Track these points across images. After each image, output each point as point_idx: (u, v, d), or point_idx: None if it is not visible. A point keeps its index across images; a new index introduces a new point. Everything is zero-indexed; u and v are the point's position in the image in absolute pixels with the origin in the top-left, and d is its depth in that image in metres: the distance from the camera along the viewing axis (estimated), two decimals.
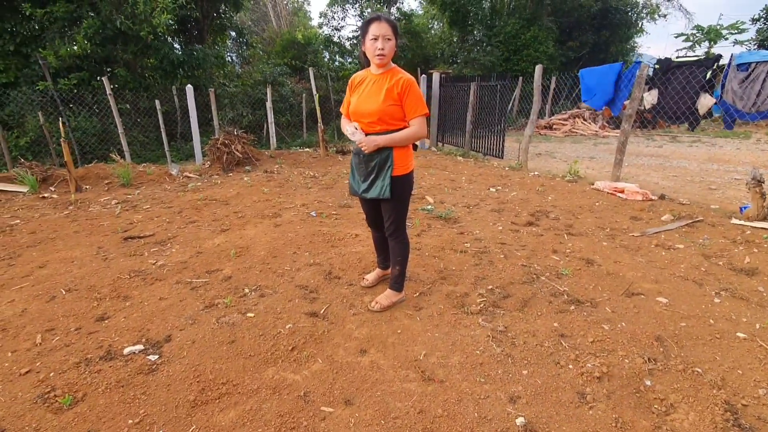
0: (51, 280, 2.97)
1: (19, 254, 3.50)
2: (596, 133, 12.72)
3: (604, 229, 3.99)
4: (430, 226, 4.02)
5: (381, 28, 2.05)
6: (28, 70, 9.17)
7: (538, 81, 6.64)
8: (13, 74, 9.20)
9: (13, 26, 8.98)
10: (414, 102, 2.14)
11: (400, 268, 2.48)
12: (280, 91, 12.51)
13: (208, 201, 5.02)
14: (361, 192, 2.35)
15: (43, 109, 8.97)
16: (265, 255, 3.35)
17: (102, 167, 6.38)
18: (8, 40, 9.06)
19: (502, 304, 2.55)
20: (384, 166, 2.22)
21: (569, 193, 5.26)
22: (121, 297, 2.71)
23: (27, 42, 9.11)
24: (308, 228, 3.99)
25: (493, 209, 4.60)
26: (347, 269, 3.07)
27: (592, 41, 17.76)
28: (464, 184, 5.93)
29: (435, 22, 19.51)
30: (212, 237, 3.80)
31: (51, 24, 9.13)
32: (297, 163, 7.54)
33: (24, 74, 9.17)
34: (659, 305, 2.56)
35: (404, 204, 2.35)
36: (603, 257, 3.28)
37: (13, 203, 5.13)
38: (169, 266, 3.14)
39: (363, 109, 2.19)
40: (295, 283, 2.86)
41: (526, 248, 3.47)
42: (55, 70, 8.95)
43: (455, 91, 9.45)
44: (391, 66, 2.20)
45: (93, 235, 3.89)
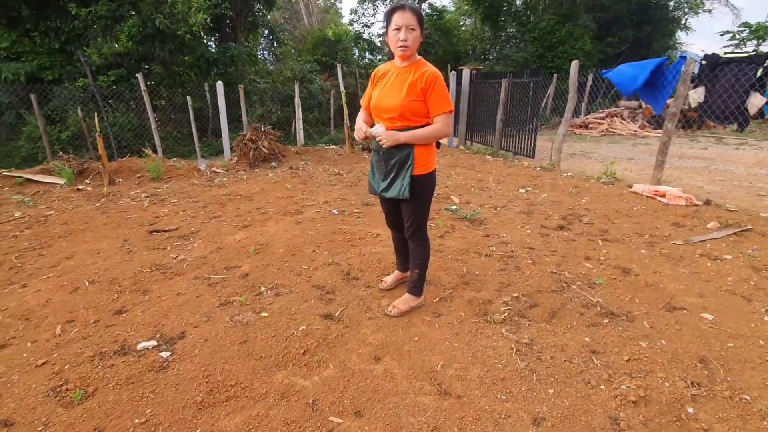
0: (76, 271, 3.02)
1: (50, 244, 3.60)
2: (635, 133, 12.09)
3: (642, 235, 3.72)
4: (454, 227, 3.87)
5: (404, 17, 1.93)
6: (71, 67, 9.58)
7: (574, 77, 6.32)
8: (58, 71, 9.62)
9: (59, 25, 9.39)
10: (439, 97, 2.01)
11: (420, 272, 2.36)
12: (308, 88, 12.58)
13: (232, 196, 5.05)
14: (380, 191, 2.24)
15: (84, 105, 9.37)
16: (284, 252, 3.30)
17: (134, 161, 6.57)
18: (54, 38, 9.49)
19: (528, 313, 2.38)
20: (404, 165, 2.10)
21: (605, 196, 4.96)
22: (141, 290, 2.73)
23: (71, 40, 9.51)
24: (329, 226, 3.92)
25: (522, 211, 4.39)
26: (366, 270, 2.97)
27: (632, 37, 16.91)
28: (492, 184, 5.72)
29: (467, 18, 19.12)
30: (233, 233, 3.79)
31: (94, 23, 9.51)
32: (322, 159, 7.52)
33: (67, 71, 9.59)
34: (704, 322, 2.32)
35: (425, 205, 2.23)
36: (641, 266, 3.04)
37: (50, 194, 5.33)
38: (189, 261, 3.14)
39: (384, 103, 2.08)
40: (312, 282, 2.79)
41: (557, 254, 3.26)
42: (96, 67, 9.32)
43: (486, 88, 9.18)
44: (416, 59, 2.07)
45: (120, 228, 3.97)
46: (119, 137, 9.65)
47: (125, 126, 9.75)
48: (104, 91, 9.37)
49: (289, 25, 20.67)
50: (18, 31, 9.18)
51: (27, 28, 9.35)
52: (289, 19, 21.52)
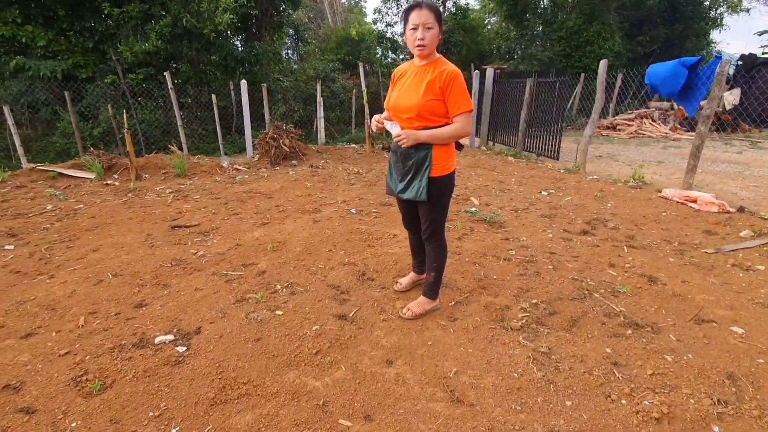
0: (101, 264, 3.12)
1: (77, 237, 3.73)
2: (666, 135, 11.66)
3: (671, 242, 3.57)
4: (473, 229, 3.81)
5: (421, 15, 1.89)
6: (104, 65, 9.92)
7: (602, 77, 6.13)
8: (91, 69, 9.97)
9: (93, 25, 9.74)
10: (458, 97, 1.96)
11: (436, 275, 2.32)
12: (331, 87, 12.66)
13: (252, 194, 5.11)
14: (397, 192, 2.22)
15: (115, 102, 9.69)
16: (301, 251, 3.32)
17: (161, 158, 6.74)
18: (88, 37, 9.84)
19: (547, 321, 2.31)
20: (422, 166, 2.06)
21: (632, 200, 4.79)
22: (161, 285, 2.78)
23: (104, 39, 9.84)
24: (346, 225, 3.92)
25: (544, 214, 4.29)
26: (382, 271, 2.95)
27: (664, 36, 16.31)
28: (514, 186, 5.61)
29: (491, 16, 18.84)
30: (252, 230, 3.84)
31: (125, 22, 9.82)
32: (342, 158, 7.55)
33: (100, 69, 9.93)
34: (734, 336, 2.20)
35: (443, 207, 2.19)
36: (669, 275, 2.91)
37: (80, 188, 5.53)
38: (208, 257, 3.19)
39: (401, 103, 2.05)
40: (327, 282, 2.79)
41: (579, 260, 3.16)
42: (127, 66, 9.63)
43: (509, 87, 9.02)
44: (435, 57, 2.03)
45: (144, 222, 4.08)
46: (147, 134, 9.94)
47: (153, 123, 10.03)
48: (134, 88, 9.66)
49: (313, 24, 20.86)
50: (54, 31, 9.56)
51: (63, 28, 9.73)
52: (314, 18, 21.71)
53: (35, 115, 10.03)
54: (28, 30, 9.14)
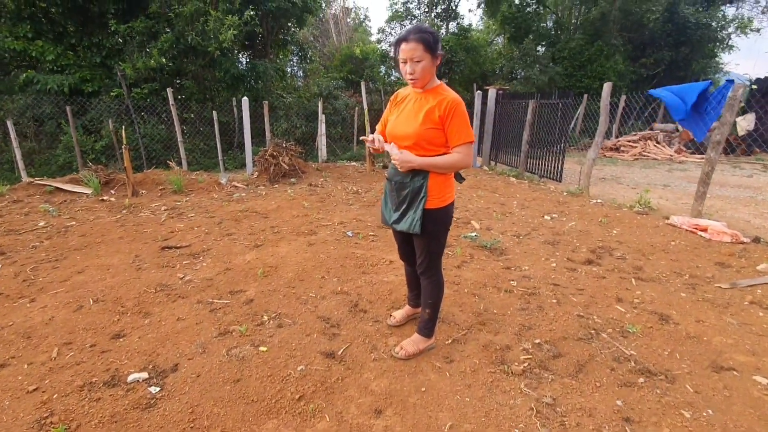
0: (84, 288, 2.98)
1: (65, 257, 3.61)
2: (671, 157, 11.53)
3: (682, 275, 3.39)
4: (473, 256, 3.66)
5: (408, 50, 1.78)
6: (110, 80, 9.99)
7: (606, 99, 6.04)
8: (98, 84, 10.04)
9: (101, 40, 9.84)
10: (459, 127, 1.85)
11: (431, 312, 2.17)
12: (333, 104, 12.69)
13: (248, 213, 5.00)
14: (391, 222, 2.08)
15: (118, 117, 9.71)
16: (293, 277, 3.17)
17: (158, 173, 6.67)
18: (96, 52, 9.95)
19: (551, 365, 2.14)
20: (417, 197, 1.94)
21: (638, 227, 4.63)
22: (142, 313, 2.64)
23: (111, 55, 9.94)
24: (342, 249, 3.78)
25: (547, 241, 4.13)
26: (375, 302, 2.80)
27: (669, 58, 16.33)
28: (515, 209, 5.47)
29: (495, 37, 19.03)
30: (244, 252, 3.70)
31: (132, 39, 9.92)
32: (342, 177, 7.45)
33: (105, 84, 10.00)
34: (757, 388, 2.02)
35: (439, 240, 2.05)
36: (681, 313, 2.74)
37: (75, 204, 5.44)
38: (194, 282, 3.05)
39: (398, 131, 1.94)
40: (318, 313, 2.63)
41: (584, 293, 3.00)
42: (132, 81, 9.68)
43: (512, 108, 8.97)
44: (434, 84, 1.93)
45: (134, 242, 3.96)
46: (149, 148, 9.93)
47: (155, 137, 10.04)
48: (138, 103, 9.70)
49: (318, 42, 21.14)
50: (63, 46, 9.66)
51: (72, 43, 9.84)
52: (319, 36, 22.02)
53: (40, 129, 10.05)
54: (38, 45, 9.24)
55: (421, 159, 1.88)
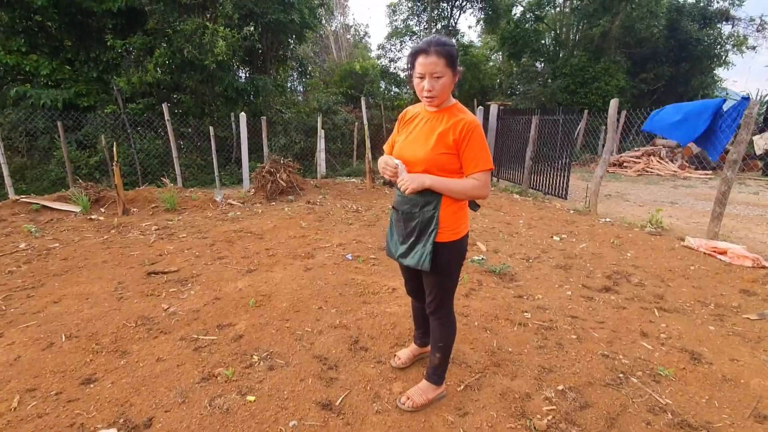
0: (58, 321, 2.72)
1: (42, 283, 3.35)
2: (675, 173, 11.39)
3: (706, 304, 3.15)
4: (481, 283, 3.41)
5: (428, 63, 1.56)
6: (106, 95, 9.86)
7: (613, 117, 5.89)
8: (94, 98, 9.90)
9: (98, 55, 9.74)
10: (476, 152, 1.63)
11: (442, 357, 1.92)
12: (333, 119, 12.58)
13: (243, 233, 4.76)
14: (397, 256, 1.85)
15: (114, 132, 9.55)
16: (287, 308, 2.92)
17: (151, 191, 6.45)
18: (93, 67, 9.83)
19: (578, 418, 1.88)
20: (427, 229, 1.71)
21: (653, 249, 4.40)
22: (119, 352, 2.38)
23: (108, 69, 9.82)
24: (341, 275, 3.53)
25: (559, 265, 3.90)
26: (377, 337, 2.55)
27: (669, 74, 16.38)
28: (522, 229, 5.24)
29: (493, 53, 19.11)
30: (236, 278, 3.46)
31: (129, 54, 9.82)
32: (342, 194, 7.24)
33: (101, 99, 9.86)
34: None
35: (450, 277, 1.81)
36: (713, 350, 2.49)
37: (62, 224, 5.20)
38: (179, 315, 2.80)
39: (408, 154, 1.72)
40: (314, 352, 2.38)
41: (605, 326, 2.75)
42: (129, 95, 9.54)
43: (514, 123, 8.84)
44: (449, 103, 1.71)
45: (119, 267, 3.70)
46: (145, 164, 9.74)
47: (151, 153, 9.86)
48: (134, 118, 9.54)
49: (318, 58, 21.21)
50: (59, 60, 9.54)
51: (68, 57, 9.73)
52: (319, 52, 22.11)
53: (33, 143, 9.86)
54: (33, 59, 9.12)
55: (432, 178, 1.65)
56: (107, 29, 9.68)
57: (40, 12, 8.72)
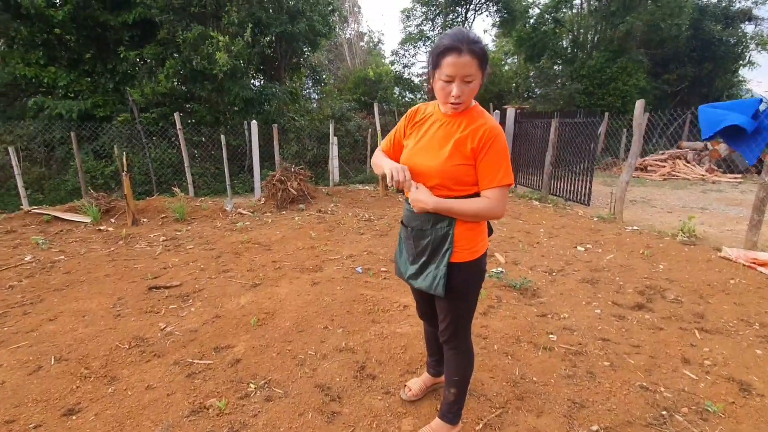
0: (50, 341, 2.59)
1: (41, 299, 3.24)
2: (703, 177, 10.85)
3: (750, 324, 2.83)
4: (501, 299, 3.16)
5: (461, 65, 1.31)
6: (122, 105, 9.96)
7: (639, 118, 5.55)
8: (110, 109, 10.02)
9: (114, 66, 9.86)
10: (494, 164, 1.40)
11: (458, 392, 1.68)
12: (346, 125, 12.48)
13: (250, 244, 4.61)
14: (407, 277, 1.63)
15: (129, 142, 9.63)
16: (291, 327, 2.73)
17: (162, 200, 6.39)
18: (109, 78, 9.96)
19: None
20: (440, 248, 1.49)
21: (688, 261, 4.06)
22: (108, 378, 2.21)
23: (125, 80, 9.94)
24: (349, 290, 3.32)
25: (585, 279, 3.60)
26: (386, 363, 2.32)
27: (692, 74, 15.81)
28: (543, 238, 4.95)
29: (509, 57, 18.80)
30: (240, 294, 3.28)
31: (142, 65, 9.92)
32: (354, 202, 7.06)
33: (118, 109, 9.96)
34: None
35: (467, 303, 1.58)
36: (763, 379, 2.18)
37: (71, 234, 5.14)
38: (176, 335, 2.63)
39: (418, 163, 1.48)
40: (316, 380, 2.17)
41: (642, 351, 2.46)
42: (144, 105, 9.62)
43: (532, 127, 8.53)
44: (469, 105, 1.47)
45: (121, 281, 3.58)
46: (159, 173, 9.78)
47: (165, 162, 9.90)
48: (149, 128, 9.60)
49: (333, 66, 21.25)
50: (77, 72, 9.69)
51: (86, 69, 9.89)
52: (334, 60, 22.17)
53: (51, 154, 10.02)
54: (51, 71, 9.27)
55: (436, 200, 1.43)
56: (124, 41, 9.80)
57: (59, 25, 8.86)
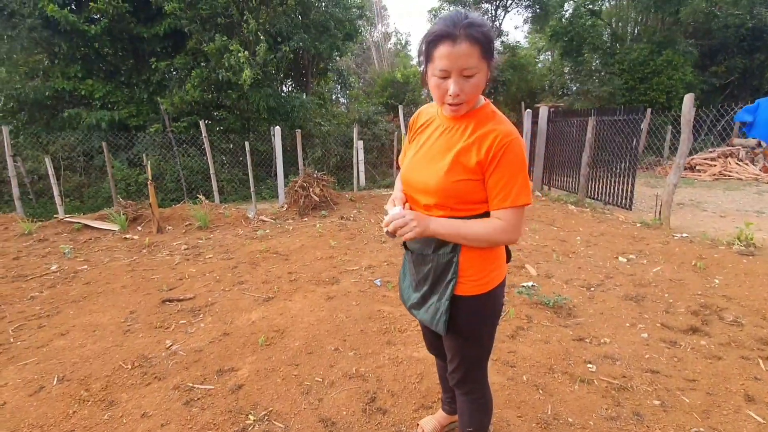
0: (57, 358, 2.53)
1: (58, 311, 3.23)
2: (757, 177, 9.94)
3: None
4: (531, 319, 2.85)
5: (457, 55, 1.05)
6: (155, 114, 10.25)
7: (688, 114, 5.05)
8: (144, 118, 10.34)
9: (148, 77, 10.18)
10: (508, 179, 1.13)
11: None
12: (372, 129, 12.36)
13: (268, 254, 4.49)
14: (409, 305, 1.41)
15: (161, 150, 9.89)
16: (300, 348, 2.55)
17: (186, 208, 6.43)
18: (143, 89, 10.30)
19: None
20: (442, 277, 1.24)
21: (747, 275, 3.59)
22: (106, 402, 2.10)
23: (158, 91, 10.23)
24: (365, 305, 3.12)
25: (628, 295, 3.23)
26: (400, 394, 2.09)
27: (742, 66, 14.62)
28: (580, 247, 4.56)
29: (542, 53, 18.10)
30: (251, 308, 3.14)
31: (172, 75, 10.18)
32: (377, 208, 6.86)
33: (150, 118, 10.27)
34: None
35: (477, 344, 1.32)
36: None
37: (98, 243, 5.23)
38: (180, 355, 2.50)
39: (415, 177, 1.25)
40: (321, 412, 1.97)
41: (698, 387, 2.11)
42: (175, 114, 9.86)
43: (567, 126, 8.06)
44: (478, 104, 1.20)
45: (136, 293, 3.53)
46: (189, 180, 9.99)
47: (194, 169, 10.10)
48: (180, 136, 9.83)
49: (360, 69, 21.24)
50: (113, 83, 10.07)
51: (121, 81, 10.26)
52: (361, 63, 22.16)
53: (89, 163, 10.44)
54: (88, 83, 9.65)
55: (440, 223, 1.17)
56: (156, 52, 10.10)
57: (96, 39, 9.22)
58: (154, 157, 9.62)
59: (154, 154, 9.81)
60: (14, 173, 6.91)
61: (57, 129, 9.86)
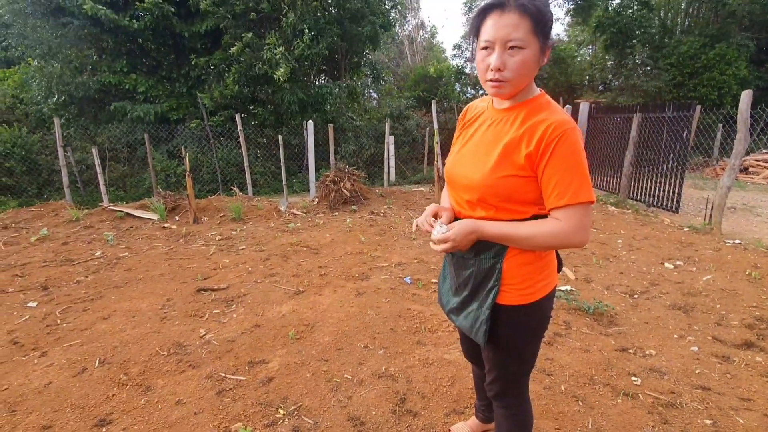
0: (100, 341, 2.63)
1: (101, 295, 3.37)
2: None
3: None
4: (570, 326, 2.72)
5: (504, 24, 0.96)
6: (194, 108, 10.57)
7: (746, 112, 4.68)
8: (183, 112, 10.68)
9: (188, 71, 10.49)
10: (563, 174, 1.00)
11: None
12: (404, 124, 12.26)
13: (299, 247, 4.53)
14: (447, 309, 1.34)
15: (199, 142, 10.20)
16: (329, 343, 2.54)
17: (222, 200, 6.59)
18: (183, 83, 10.62)
19: None
20: (484, 284, 1.16)
21: None
22: (143, 387, 2.16)
23: (197, 85, 10.54)
24: (395, 303, 3.08)
25: (676, 305, 3.03)
26: (430, 396, 2.03)
27: None
28: (622, 251, 4.33)
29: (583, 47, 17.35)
30: (282, 301, 3.17)
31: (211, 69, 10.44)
32: (408, 203, 6.79)
33: (190, 112, 10.59)
34: None
35: (519, 358, 1.24)
36: None
37: (139, 231, 5.44)
38: (213, 344, 2.55)
39: (458, 172, 1.17)
40: (350, 410, 1.94)
41: (754, 408, 1.94)
42: (213, 108, 10.13)
43: (608, 123, 7.69)
44: (531, 94, 1.09)
45: (173, 281, 3.64)
46: (225, 172, 10.27)
47: (230, 161, 10.36)
48: (217, 129, 10.09)
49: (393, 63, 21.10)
50: (155, 78, 10.44)
51: (163, 75, 10.63)
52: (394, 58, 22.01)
53: (133, 154, 10.90)
54: (132, 78, 10.05)
55: (489, 226, 1.08)
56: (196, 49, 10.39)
57: (140, 35, 9.57)
58: (192, 149, 9.94)
59: (192, 146, 10.12)
60: (64, 163, 7.29)
61: (104, 121, 10.34)
